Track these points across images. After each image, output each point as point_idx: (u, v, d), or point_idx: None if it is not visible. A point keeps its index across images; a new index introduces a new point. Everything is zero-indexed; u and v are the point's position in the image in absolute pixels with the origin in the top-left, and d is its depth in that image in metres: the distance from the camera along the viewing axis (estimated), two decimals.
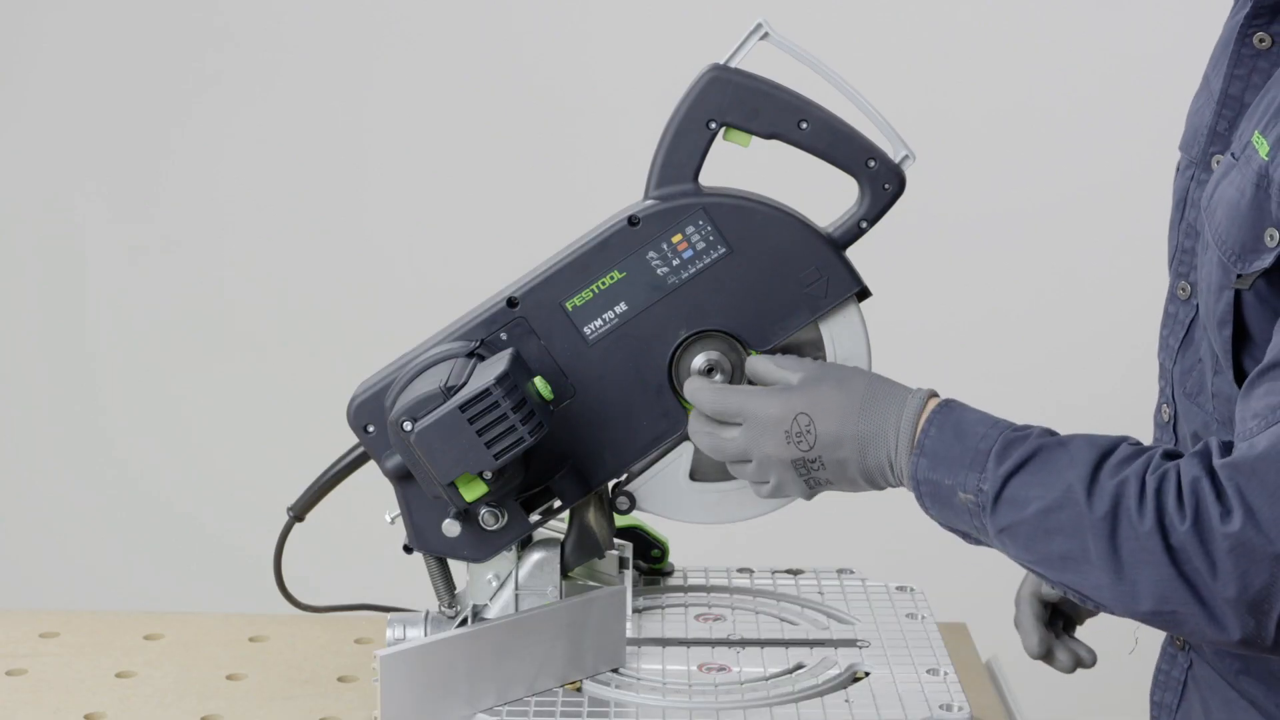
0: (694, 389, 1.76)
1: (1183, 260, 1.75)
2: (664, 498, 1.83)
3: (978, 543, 1.66)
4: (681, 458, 1.82)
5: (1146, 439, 2.06)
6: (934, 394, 1.70)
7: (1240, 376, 1.63)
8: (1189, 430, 1.73)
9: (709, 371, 1.81)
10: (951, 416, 1.66)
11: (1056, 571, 1.57)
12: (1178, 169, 1.80)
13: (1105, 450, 1.57)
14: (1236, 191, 1.61)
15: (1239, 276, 1.60)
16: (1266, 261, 1.57)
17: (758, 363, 1.76)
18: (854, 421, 1.68)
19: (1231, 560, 1.48)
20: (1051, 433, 1.62)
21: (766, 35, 1.78)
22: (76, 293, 3.77)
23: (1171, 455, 1.56)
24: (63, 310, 3.78)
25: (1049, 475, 1.57)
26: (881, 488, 1.70)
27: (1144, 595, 1.52)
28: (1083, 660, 1.94)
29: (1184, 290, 1.74)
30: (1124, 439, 1.59)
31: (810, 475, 1.70)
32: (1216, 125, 1.72)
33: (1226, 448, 1.53)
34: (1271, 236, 1.57)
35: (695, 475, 1.84)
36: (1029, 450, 1.60)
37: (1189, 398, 1.72)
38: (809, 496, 1.74)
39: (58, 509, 3.82)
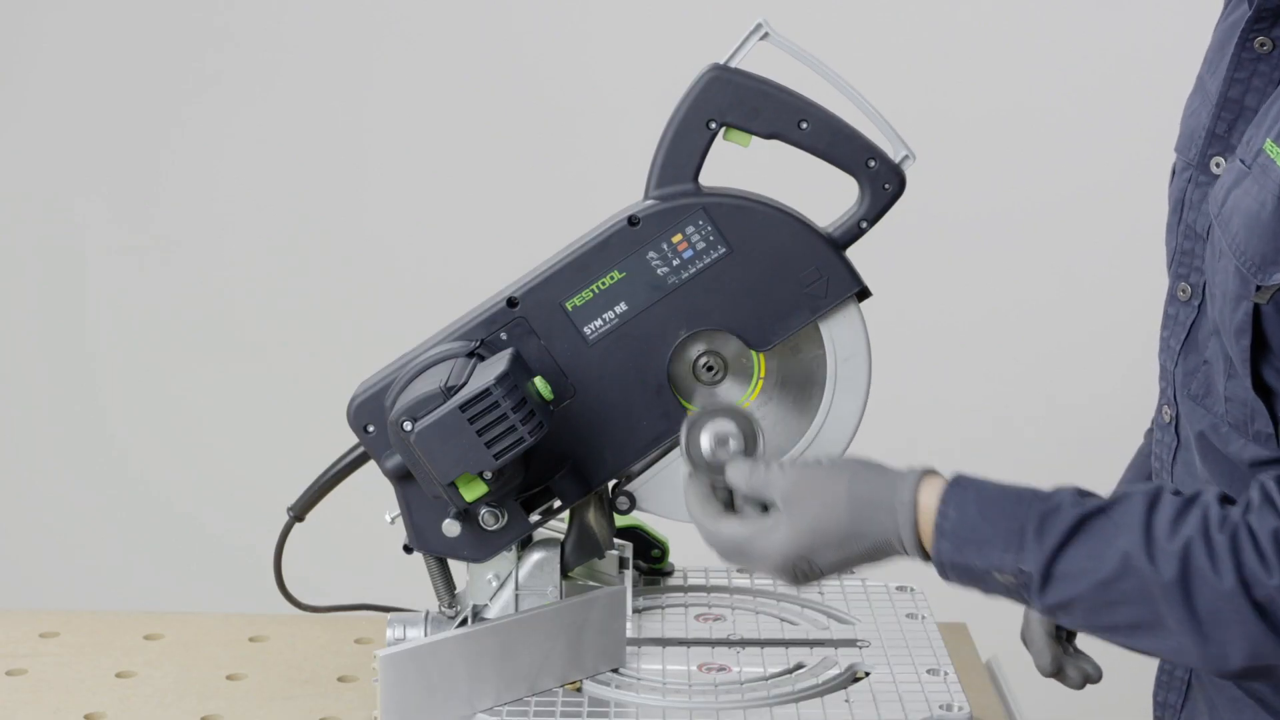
0: (688, 490, 1.71)
1: (1182, 262, 1.74)
2: (664, 498, 1.83)
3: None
4: (681, 458, 1.82)
5: (1138, 437, 2.06)
6: (928, 471, 1.64)
7: (1259, 385, 1.61)
8: (1193, 431, 1.72)
9: (709, 370, 1.81)
10: (969, 494, 1.60)
11: (1127, 638, 1.54)
12: (1174, 171, 1.79)
13: (1149, 506, 1.53)
14: (1255, 202, 1.59)
15: (1259, 289, 1.58)
16: (1275, 278, 1.56)
17: (736, 474, 1.68)
18: (852, 543, 1.62)
19: None
20: (1082, 494, 1.57)
21: (767, 35, 1.78)
22: (76, 292, 3.76)
23: (1225, 500, 1.52)
24: (62, 310, 3.78)
25: (1099, 546, 1.53)
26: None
27: (1235, 654, 1.50)
28: (1090, 676, 1.93)
29: (1184, 292, 1.73)
30: (1160, 488, 1.55)
31: (809, 581, 1.67)
32: (1215, 128, 1.71)
33: None
34: None
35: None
36: (1069, 523, 1.54)
37: (1193, 400, 1.71)
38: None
39: (58, 509, 3.82)
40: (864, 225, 1.79)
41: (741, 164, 1.86)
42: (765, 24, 1.78)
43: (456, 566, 1.85)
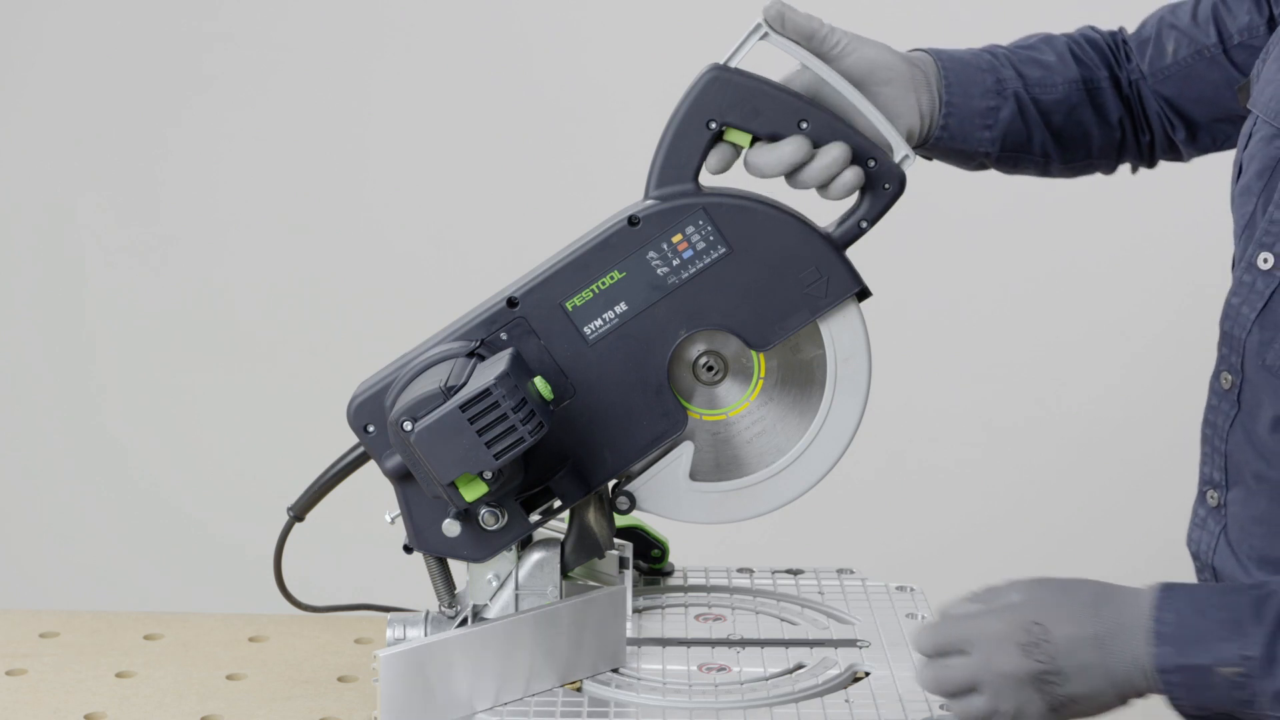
0: (914, 635, 1.65)
1: (1269, 230, 1.69)
2: (664, 498, 1.83)
3: None
4: (681, 458, 1.82)
5: (1146, 436, 2.06)
6: (1163, 584, 1.58)
7: None
8: (1267, 402, 1.68)
9: (709, 370, 1.81)
10: (1183, 597, 1.55)
11: None
12: (1250, 134, 1.74)
13: None
14: None
15: None
16: None
17: (958, 608, 1.62)
18: (1090, 621, 1.56)
19: None
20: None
21: (766, 35, 1.78)
22: (76, 292, 3.76)
23: None
24: (62, 310, 3.78)
25: None
26: (1138, 694, 1.57)
27: None
28: None
29: (1266, 261, 1.68)
30: None
31: (1052, 692, 1.56)
32: None
33: None
34: None
35: (695, 475, 1.84)
36: None
37: (1269, 370, 1.66)
38: (1068, 717, 1.58)
39: (58, 509, 3.82)
40: (864, 225, 1.79)
41: (741, 164, 1.86)
42: (765, 24, 1.78)
43: (456, 566, 1.85)
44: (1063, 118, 1.94)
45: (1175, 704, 1.56)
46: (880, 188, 1.78)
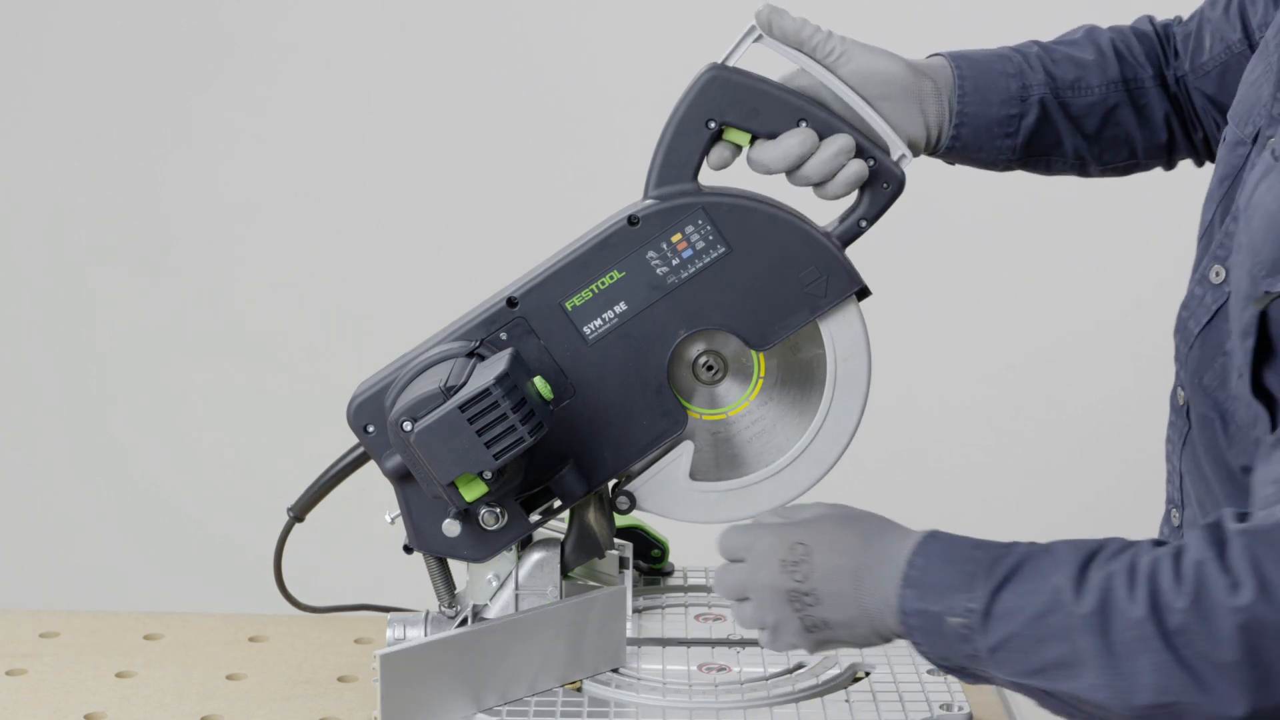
0: (722, 534, 1.69)
1: (1222, 243, 1.65)
2: (664, 497, 1.83)
3: (975, 679, 1.57)
4: (681, 458, 1.82)
5: (1152, 437, 2.05)
6: (932, 531, 1.60)
7: (1259, 389, 1.55)
8: (1199, 423, 1.67)
9: (709, 370, 1.81)
10: (938, 545, 1.57)
11: (1052, 681, 1.49)
12: (1223, 140, 1.71)
13: (1093, 549, 1.49)
14: (1275, 201, 1.54)
15: (1266, 294, 1.52)
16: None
17: (762, 517, 1.69)
18: (852, 554, 1.59)
19: (1241, 636, 1.39)
20: (1037, 543, 1.54)
21: (761, 37, 1.78)
22: (78, 291, 3.77)
23: (1160, 545, 1.48)
24: (64, 310, 3.78)
25: (1036, 582, 1.49)
26: (885, 637, 1.59)
27: (1142, 687, 1.43)
28: None
29: (1218, 275, 1.65)
30: (1111, 539, 1.51)
31: (805, 611, 1.60)
32: (1273, 108, 1.62)
33: (1241, 517, 1.45)
34: None
35: (695, 475, 1.83)
36: (1015, 561, 1.51)
37: (1205, 390, 1.64)
38: (811, 647, 1.63)
39: (58, 509, 3.82)
40: (863, 224, 1.79)
41: (742, 164, 1.86)
42: (758, 26, 1.78)
43: (456, 566, 1.85)
44: (1098, 120, 1.90)
45: (920, 651, 1.57)
46: (879, 187, 1.78)
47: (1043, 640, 1.48)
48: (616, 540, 1.93)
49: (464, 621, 1.82)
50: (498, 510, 1.77)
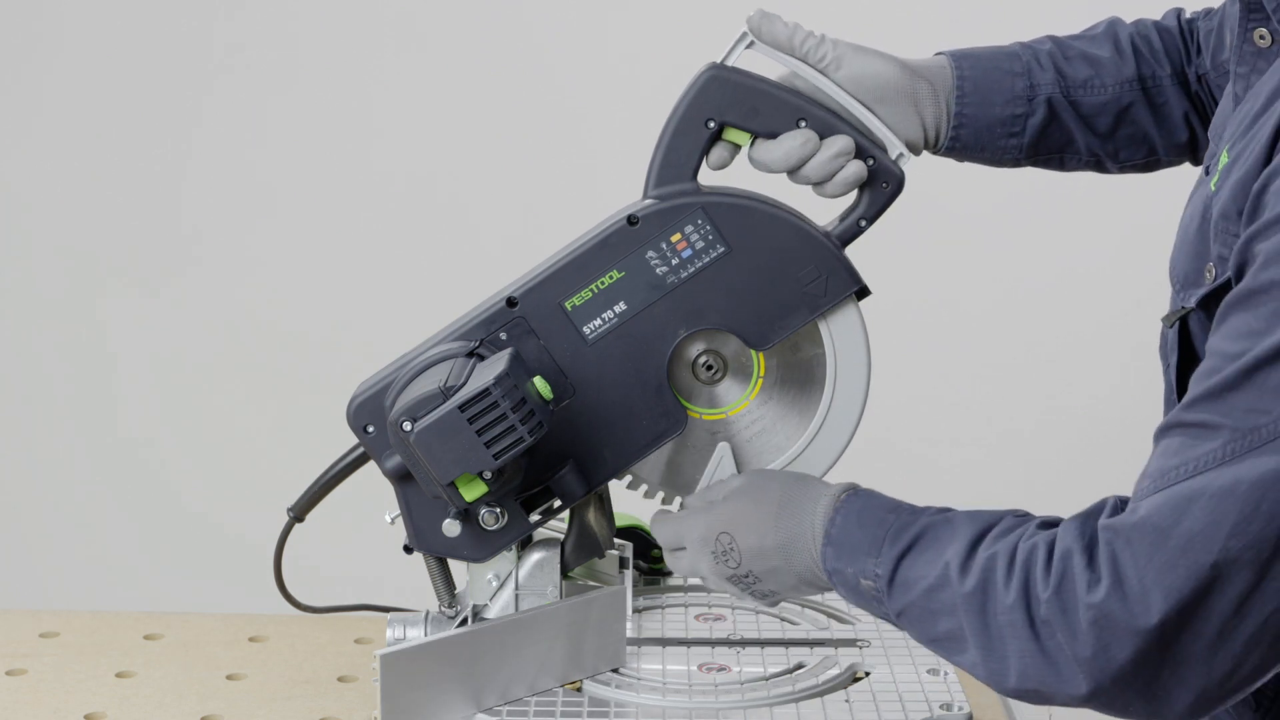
0: (652, 520, 1.79)
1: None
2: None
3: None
4: (724, 460, 1.81)
5: (1146, 436, 2.05)
6: (852, 486, 1.65)
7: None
8: None
9: (709, 369, 1.81)
10: (856, 504, 1.60)
11: (945, 652, 1.52)
12: (1205, 156, 1.70)
13: (987, 524, 1.51)
14: (1189, 215, 1.56)
15: (1182, 307, 1.55)
16: (1192, 301, 1.52)
17: (691, 501, 1.78)
18: (771, 531, 1.65)
19: (1093, 632, 1.41)
20: (947, 509, 1.57)
21: (753, 43, 1.78)
22: (84, 291, 3.77)
23: (1049, 525, 1.49)
24: (69, 311, 3.78)
25: (933, 554, 1.52)
26: (825, 589, 1.65)
27: (1011, 671, 1.46)
28: None
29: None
30: (1011, 512, 1.53)
31: (752, 589, 1.68)
32: (1223, 129, 1.63)
33: (1119, 507, 1.46)
34: (1210, 272, 1.51)
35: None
36: (918, 530, 1.54)
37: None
38: (772, 605, 1.74)
39: (58, 509, 3.82)
40: (863, 224, 1.79)
41: (741, 163, 1.86)
42: (751, 31, 1.78)
43: (456, 566, 1.85)
44: (1111, 120, 1.89)
45: (849, 601, 1.61)
46: (879, 186, 1.78)
47: (935, 613, 1.51)
48: (616, 540, 1.93)
49: (464, 621, 1.82)
50: (498, 510, 1.77)
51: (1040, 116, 1.87)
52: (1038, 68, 1.88)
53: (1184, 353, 1.58)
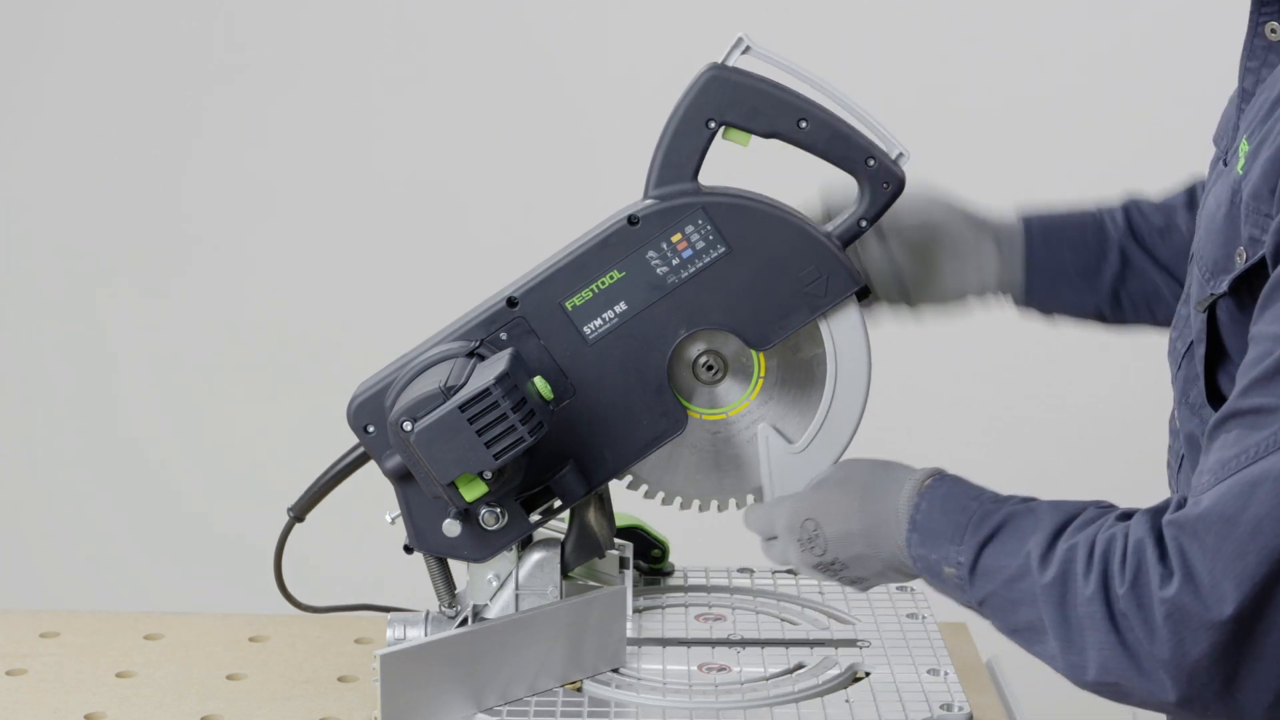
0: (745, 511, 1.80)
1: None
2: (793, 479, 1.82)
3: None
4: (771, 439, 1.81)
5: (1151, 436, 2.05)
6: (938, 472, 1.65)
7: (1214, 393, 1.57)
8: (1186, 439, 1.67)
9: (709, 369, 1.81)
10: (941, 490, 1.61)
11: (1024, 643, 1.53)
12: (1211, 164, 1.72)
13: (1070, 515, 1.51)
14: (1215, 202, 1.56)
15: (1210, 295, 1.54)
16: (1223, 286, 1.52)
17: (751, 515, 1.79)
18: (857, 517, 1.66)
19: (1168, 627, 1.41)
20: (1031, 498, 1.57)
21: (749, 49, 1.78)
22: (85, 291, 3.77)
23: (1128, 516, 1.49)
24: (70, 310, 3.78)
25: (1015, 543, 1.52)
26: (911, 576, 1.65)
27: (1090, 664, 1.46)
28: None
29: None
30: (1094, 503, 1.53)
31: (839, 576, 1.70)
32: (1236, 120, 1.64)
33: (1182, 504, 1.46)
34: (1241, 256, 1.51)
35: (698, 473, 1.84)
36: (1001, 518, 1.55)
37: (1191, 409, 1.65)
38: (862, 590, 1.74)
39: (58, 509, 3.82)
40: (863, 224, 1.79)
41: (741, 164, 1.85)
42: (746, 38, 1.77)
43: (456, 566, 1.85)
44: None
45: (934, 587, 1.62)
46: (879, 186, 1.78)
47: (1015, 603, 1.51)
48: (616, 540, 1.93)
49: (464, 621, 1.82)
50: (498, 510, 1.77)
51: (1115, 269, 1.87)
52: (1109, 218, 1.89)
53: (1211, 341, 1.57)
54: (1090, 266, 1.87)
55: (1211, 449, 1.45)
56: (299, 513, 1.87)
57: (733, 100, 1.75)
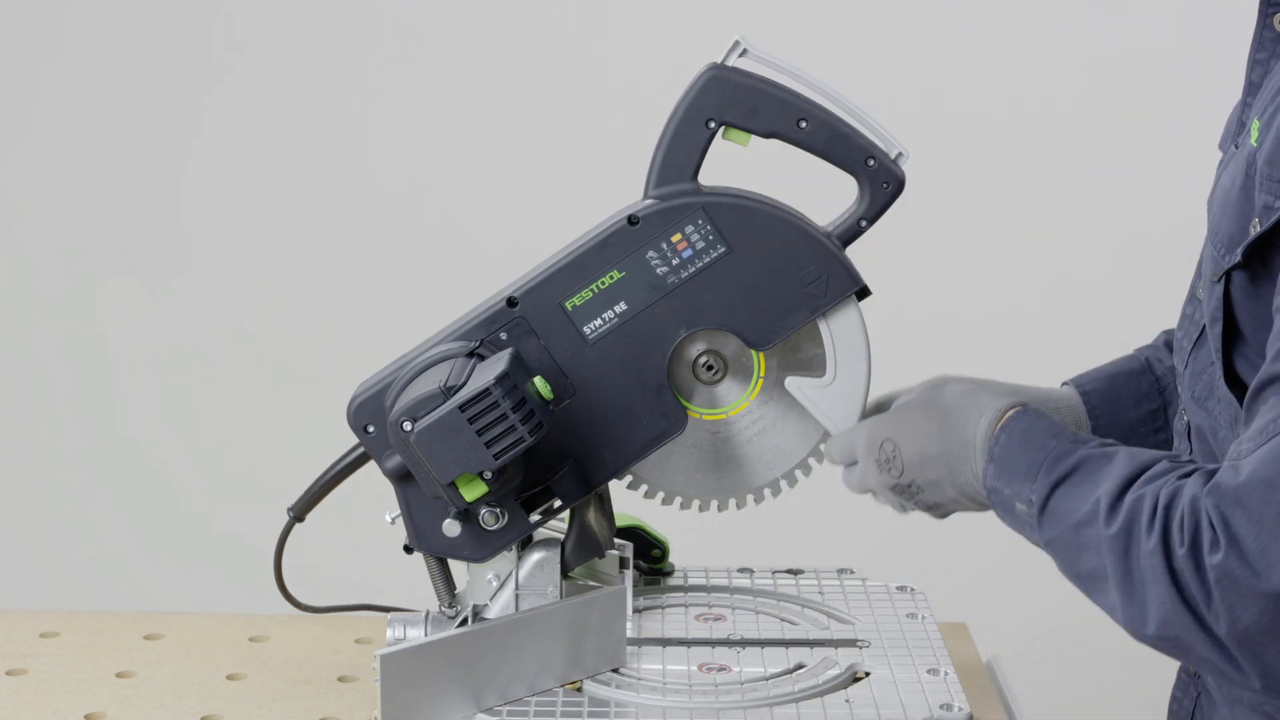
0: (827, 442, 1.80)
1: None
2: (842, 415, 1.83)
3: None
4: (804, 386, 1.81)
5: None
6: (1020, 402, 1.65)
7: (1230, 375, 1.58)
8: (1194, 433, 1.69)
9: (709, 369, 1.81)
10: (1022, 424, 1.62)
11: (1086, 590, 1.53)
12: (1218, 167, 1.73)
13: (1143, 465, 1.51)
14: (1229, 179, 1.57)
15: (1226, 268, 1.55)
16: (1238, 256, 1.53)
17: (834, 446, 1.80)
18: (935, 440, 1.67)
19: (1219, 591, 1.42)
20: (1110, 443, 1.57)
21: (746, 52, 1.78)
22: (85, 290, 3.77)
23: (1192, 473, 1.49)
24: (70, 310, 3.78)
25: (1087, 488, 1.53)
26: (984, 507, 1.66)
27: (1151, 617, 1.46)
28: None
29: (1203, 290, 1.68)
30: (1168, 456, 1.53)
31: (915, 499, 1.71)
32: (1242, 115, 1.66)
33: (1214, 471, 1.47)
34: (1255, 227, 1.52)
35: (698, 472, 1.84)
36: (1076, 461, 1.55)
37: (1198, 403, 1.66)
38: (938, 517, 1.75)
39: (59, 509, 3.82)
40: (863, 224, 1.79)
41: (741, 164, 1.85)
42: (742, 40, 1.77)
43: (456, 566, 1.85)
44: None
45: (1004, 521, 1.62)
46: (879, 186, 1.78)
47: (1081, 548, 1.52)
48: (616, 540, 1.93)
49: (464, 621, 1.82)
50: (498, 510, 1.77)
51: (1175, 402, 1.86)
52: (1158, 361, 1.89)
53: (1225, 320, 1.58)
54: (1155, 413, 1.88)
55: (1254, 418, 1.46)
56: (299, 513, 1.87)
57: (733, 100, 1.75)
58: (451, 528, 1.77)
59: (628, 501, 1.92)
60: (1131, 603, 1.48)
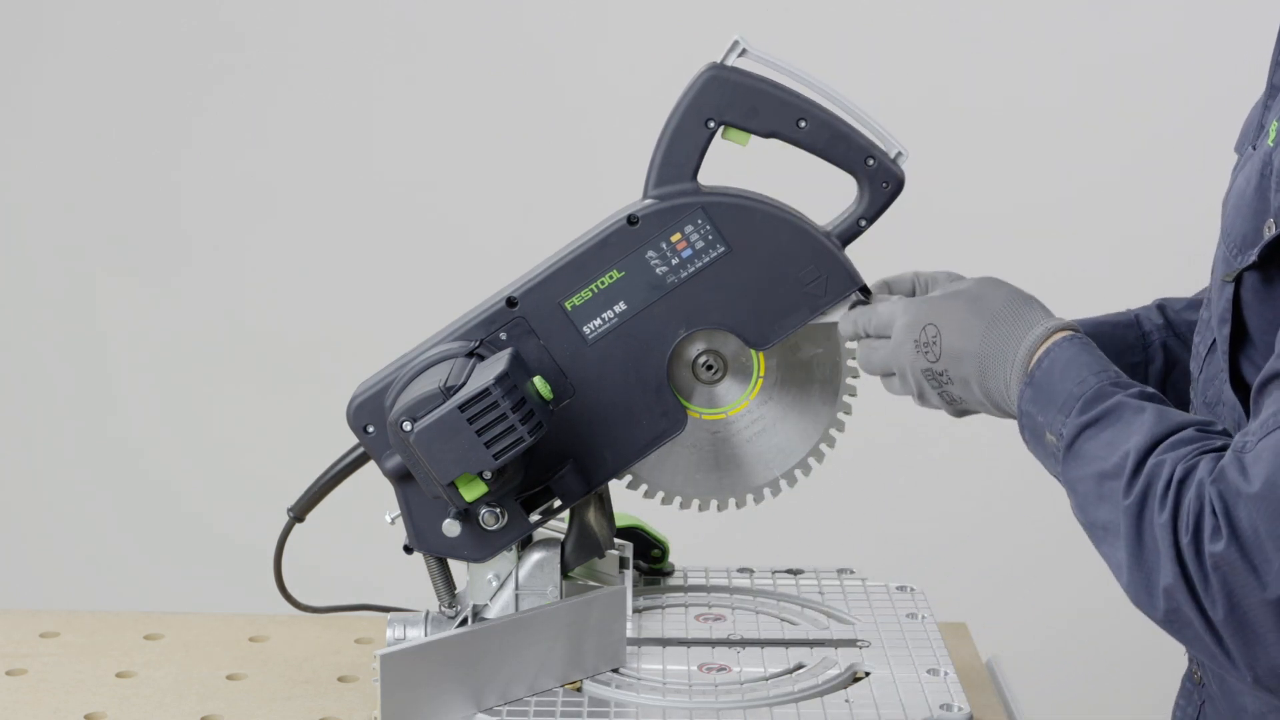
0: (841, 316, 1.78)
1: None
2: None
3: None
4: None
5: None
6: (1069, 326, 1.64)
7: (1236, 377, 1.58)
8: None
9: (709, 369, 1.81)
10: (1068, 351, 1.59)
11: (1097, 540, 1.52)
12: (1233, 170, 1.72)
13: (1171, 428, 1.50)
14: (1245, 180, 1.57)
15: (1239, 267, 1.55)
16: (1252, 257, 1.53)
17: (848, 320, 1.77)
18: (977, 339, 1.65)
19: (1217, 578, 1.42)
20: (1149, 395, 1.55)
21: (745, 52, 1.78)
22: (85, 290, 3.76)
23: (1214, 449, 1.48)
24: (70, 310, 3.78)
25: (1116, 437, 1.51)
26: (1008, 414, 1.65)
27: (1157, 589, 1.46)
28: None
29: (1213, 292, 1.67)
30: (1194, 422, 1.51)
31: (942, 388, 1.69)
32: (1262, 118, 1.66)
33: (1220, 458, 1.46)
34: (1270, 229, 1.52)
35: (698, 471, 1.84)
36: (1112, 404, 1.53)
37: (1209, 407, 1.66)
38: (955, 415, 1.73)
39: (59, 509, 3.82)
40: (863, 224, 1.79)
41: (741, 164, 1.86)
42: (741, 40, 1.78)
43: (456, 566, 1.85)
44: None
45: (1027, 445, 1.61)
46: (879, 186, 1.78)
47: (1100, 499, 1.51)
48: (616, 540, 1.93)
49: (464, 621, 1.82)
50: (498, 510, 1.77)
51: (1159, 363, 1.87)
52: (1145, 317, 1.89)
53: (1234, 321, 1.58)
54: (1135, 367, 1.87)
55: (1260, 410, 1.46)
56: (299, 513, 1.87)
57: (732, 100, 1.75)
58: (451, 528, 1.77)
59: (628, 501, 1.92)
60: (1140, 567, 1.47)
